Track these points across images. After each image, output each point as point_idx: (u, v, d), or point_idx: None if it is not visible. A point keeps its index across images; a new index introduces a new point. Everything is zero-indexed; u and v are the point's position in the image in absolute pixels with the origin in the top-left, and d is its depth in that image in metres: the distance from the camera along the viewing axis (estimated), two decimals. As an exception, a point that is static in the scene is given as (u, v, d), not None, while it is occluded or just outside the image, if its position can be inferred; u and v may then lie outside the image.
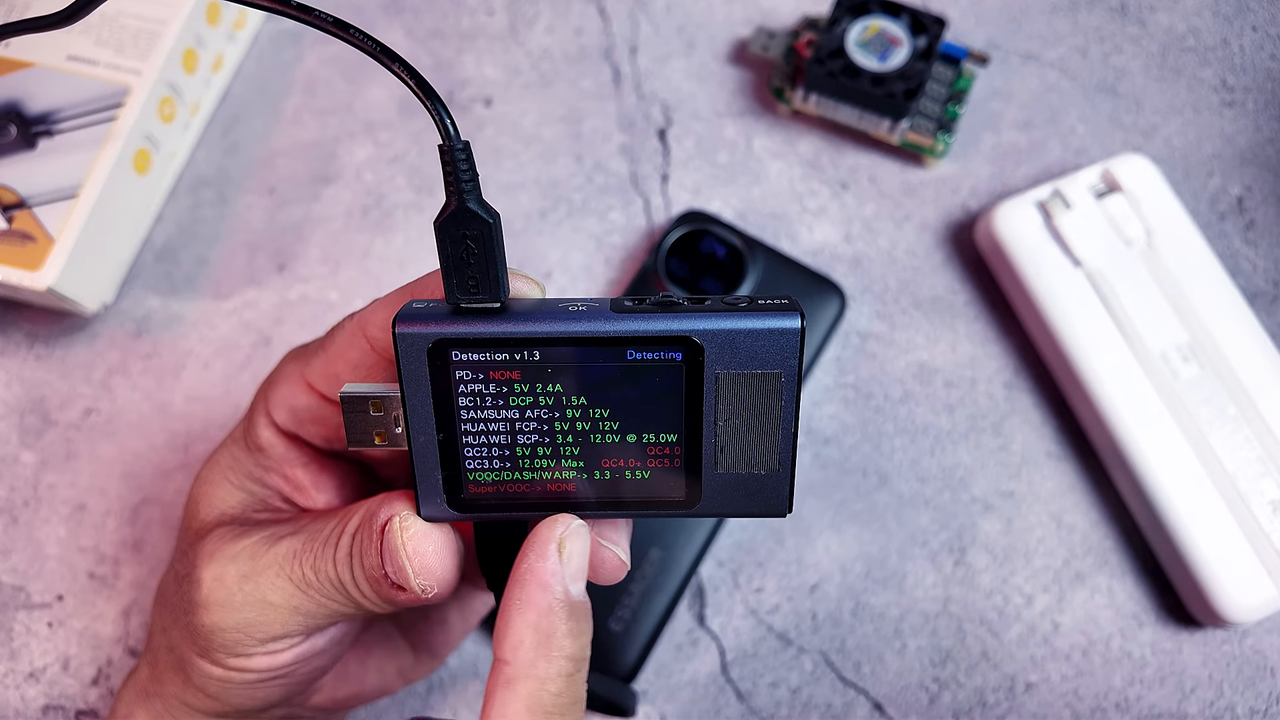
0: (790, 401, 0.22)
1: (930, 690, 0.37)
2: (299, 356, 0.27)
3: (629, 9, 0.45)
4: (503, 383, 0.22)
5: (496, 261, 0.22)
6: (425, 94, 0.20)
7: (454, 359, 0.22)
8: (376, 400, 0.24)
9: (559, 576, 0.23)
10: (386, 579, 0.24)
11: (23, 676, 0.37)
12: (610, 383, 0.22)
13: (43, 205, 0.38)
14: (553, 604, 0.23)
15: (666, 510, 0.24)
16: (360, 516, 0.25)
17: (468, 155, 0.21)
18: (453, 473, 0.23)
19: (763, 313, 0.22)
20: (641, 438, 0.23)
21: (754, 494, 0.23)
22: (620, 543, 0.25)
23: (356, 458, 0.30)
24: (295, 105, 0.44)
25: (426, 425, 0.23)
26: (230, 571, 0.25)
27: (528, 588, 0.23)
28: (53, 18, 0.26)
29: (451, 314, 0.22)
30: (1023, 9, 0.45)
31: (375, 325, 0.25)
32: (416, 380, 0.22)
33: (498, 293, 0.22)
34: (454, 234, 0.21)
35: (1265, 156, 0.42)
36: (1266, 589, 0.35)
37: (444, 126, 0.20)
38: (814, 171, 0.43)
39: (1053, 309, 0.38)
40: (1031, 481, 0.39)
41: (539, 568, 0.23)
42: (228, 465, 0.28)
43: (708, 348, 0.22)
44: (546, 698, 0.22)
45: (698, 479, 0.23)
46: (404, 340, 0.22)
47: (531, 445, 0.23)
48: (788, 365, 0.22)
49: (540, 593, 0.23)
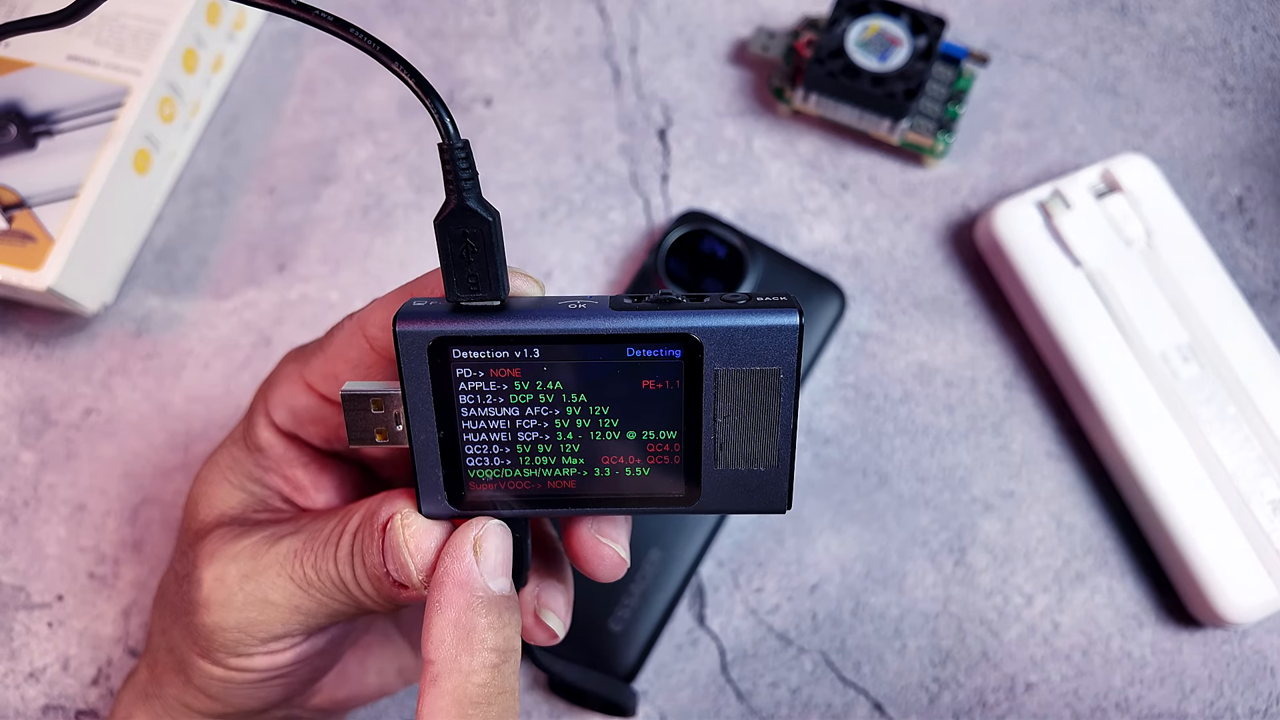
0: (789, 398, 0.22)
1: (930, 690, 0.37)
2: (298, 357, 0.27)
3: (629, 9, 0.45)
4: (503, 380, 0.22)
5: (496, 260, 0.22)
6: (425, 93, 0.20)
7: (454, 357, 0.22)
8: (377, 398, 0.24)
9: (474, 574, 0.23)
10: (388, 577, 0.24)
11: (23, 676, 0.37)
12: (610, 380, 0.22)
13: (43, 205, 0.38)
14: (470, 600, 0.23)
15: (666, 507, 0.24)
16: (361, 515, 0.25)
17: (467, 154, 0.21)
18: (453, 470, 0.23)
19: (762, 310, 0.22)
20: (641, 435, 0.23)
21: (753, 490, 0.23)
22: (620, 540, 0.25)
23: (357, 456, 0.30)
24: (295, 105, 0.44)
25: (427, 423, 0.23)
26: (231, 571, 0.25)
27: (445, 588, 0.23)
28: (53, 17, 0.26)
29: (452, 312, 0.22)
30: (1023, 9, 0.45)
31: (374, 325, 0.25)
32: (417, 378, 0.22)
33: (498, 291, 0.22)
34: (454, 232, 0.21)
35: (1265, 156, 0.42)
36: (1266, 589, 0.35)
37: (443, 125, 0.21)
38: (814, 171, 0.43)
39: (1053, 309, 0.38)
40: (1031, 481, 0.39)
41: (455, 568, 0.23)
42: (227, 465, 0.28)
43: (707, 345, 0.22)
44: (472, 689, 0.23)
45: (697, 476, 0.23)
46: (404, 338, 0.22)
47: (532, 443, 0.23)
48: (786, 362, 0.22)
49: (457, 591, 0.23)
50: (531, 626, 0.27)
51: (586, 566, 0.25)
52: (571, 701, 0.36)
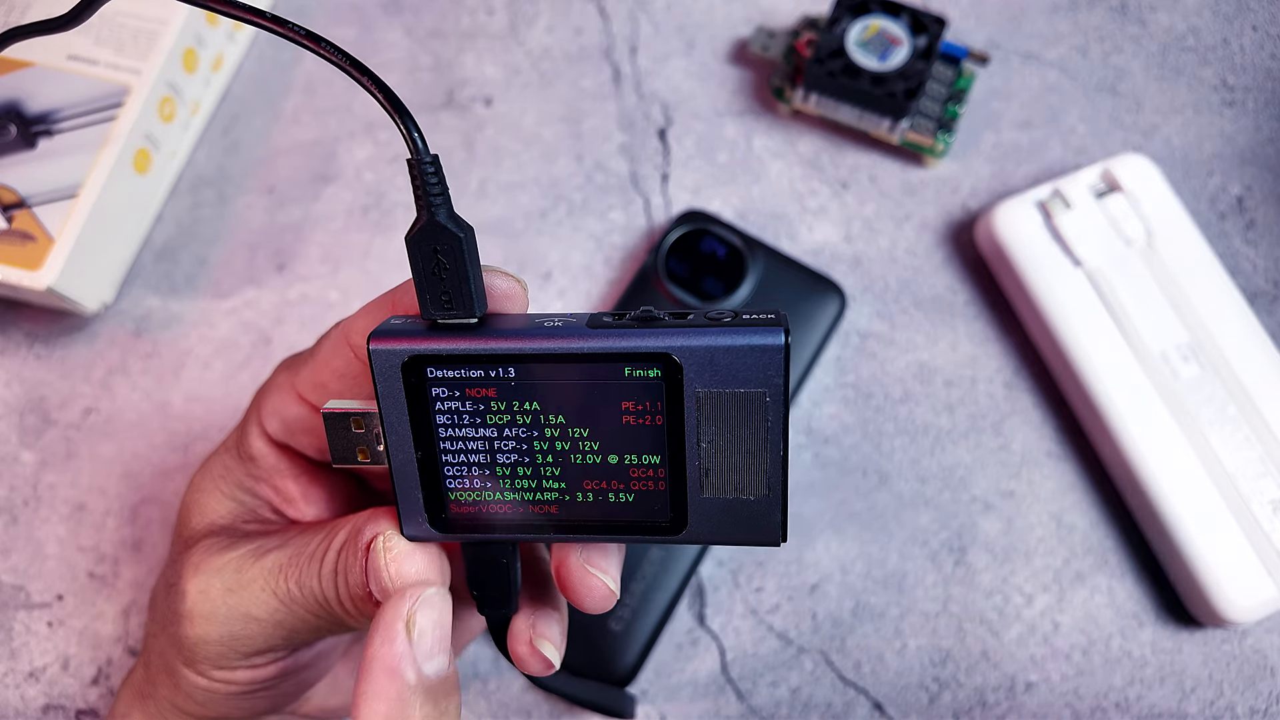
0: (777, 422, 0.21)
1: (930, 690, 0.37)
2: (291, 366, 0.27)
3: (629, 8, 0.45)
4: (479, 400, 0.22)
5: (469, 276, 0.21)
6: (393, 107, 0.20)
7: (429, 375, 0.22)
8: (357, 417, 0.23)
9: (408, 659, 0.22)
10: (371, 597, 0.23)
11: (23, 676, 0.37)
12: (588, 402, 0.21)
13: (43, 205, 0.38)
14: (402, 692, 0.21)
15: (653, 535, 0.23)
16: (346, 533, 0.24)
17: (437, 169, 0.20)
18: (433, 492, 0.23)
19: (745, 328, 0.21)
20: (623, 459, 0.22)
21: (744, 521, 0.22)
22: (610, 570, 0.24)
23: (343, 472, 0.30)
24: (295, 105, 0.44)
25: (405, 443, 0.22)
26: (215, 584, 0.25)
27: (375, 678, 0.21)
28: (55, 21, 0.26)
29: (427, 330, 0.22)
30: (1023, 8, 0.45)
31: (357, 333, 0.24)
32: (392, 397, 0.22)
33: (473, 308, 0.21)
34: (425, 249, 0.21)
35: (1265, 156, 0.42)
36: (1266, 589, 0.35)
37: (411, 140, 0.20)
38: (814, 171, 0.43)
39: (1053, 309, 0.38)
40: (1031, 481, 0.39)
41: (384, 653, 0.22)
42: (219, 474, 0.28)
43: (686, 365, 0.21)
44: None
45: (684, 504, 0.22)
46: (378, 357, 0.21)
47: (511, 465, 0.22)
48: (772, 384, 0.21)
49: (388, 681, 0.21)
50: (527, 656, 0.25)
51: (574, 597, 0.24)
52: (570, 703, 0.36)
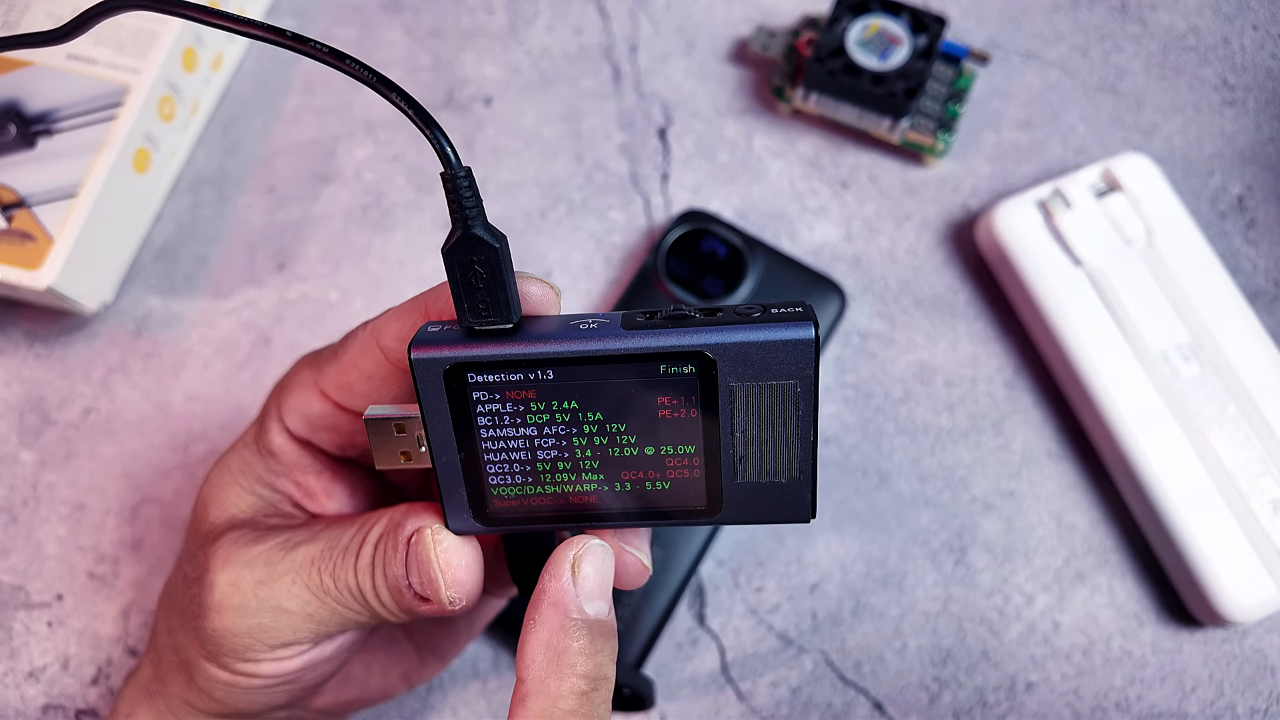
0: (808, 410, 0.22)
1: (930, 690, 0.37)
2: (312, 363, 0.27)
3: (629, 8, 0.45)
4: (519, 401, 0.23)
5: (506, 284, 0.22)
6: (424, 122, 0.20)
7: (470, 381, 0.22)
8: (399, 422, 0.24)
9: (571, 595, 0.23)
10: (410, 589, 0.24)
11: (22, 676, 0.37)
12: (625, 398, 0.22)
13: (42, 204, 0.38)
14: (565, 623, 0.23)
15: (689, 519, 0.24)
16: (384, 526, 0.25)
17: (470, 181, 0.21)
18: (476, 489, 0.24)
19: (775, 323, 0.22)
20: (660, 450, 0.23)
21: (775, 501, 0.23)
22: (643, 549, 0.26)
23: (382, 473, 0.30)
24: (295, 104, 0.44)
25: (448, 445, 0.23)
26: (246, 577, 0.26)
27: (541, 608, 0.23)
28: (48, 35, 0.26)
29: (465, 337, 0.22)
30: (1023, 8, 0.45)
31: (388, 335, 0.25)
32: (435, 403, 0.23)
33: (509, 314, 0.22)
34: (462, 260, 0.21)
35: (1266, 155, 0.42)
36: (1266, 589, 0.35)
37: (444, 154, 0.20)
38: (814, 171, 0.43)
39: (1053, 308, 0.38)
40: (1032, 481, 0.39)
41: (552, 588, 0.23)
42: (238, 469, 0.28)
43: (720, 362, 0.22)
44: (558, 714, 0.22)
45: (718, 489, 0.23)
46: (420, 365, 0.22)
47: (551, 460, 0.23)
48: (803, 375, 0.22)
49: (552, 612, 0.23)
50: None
51: None
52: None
